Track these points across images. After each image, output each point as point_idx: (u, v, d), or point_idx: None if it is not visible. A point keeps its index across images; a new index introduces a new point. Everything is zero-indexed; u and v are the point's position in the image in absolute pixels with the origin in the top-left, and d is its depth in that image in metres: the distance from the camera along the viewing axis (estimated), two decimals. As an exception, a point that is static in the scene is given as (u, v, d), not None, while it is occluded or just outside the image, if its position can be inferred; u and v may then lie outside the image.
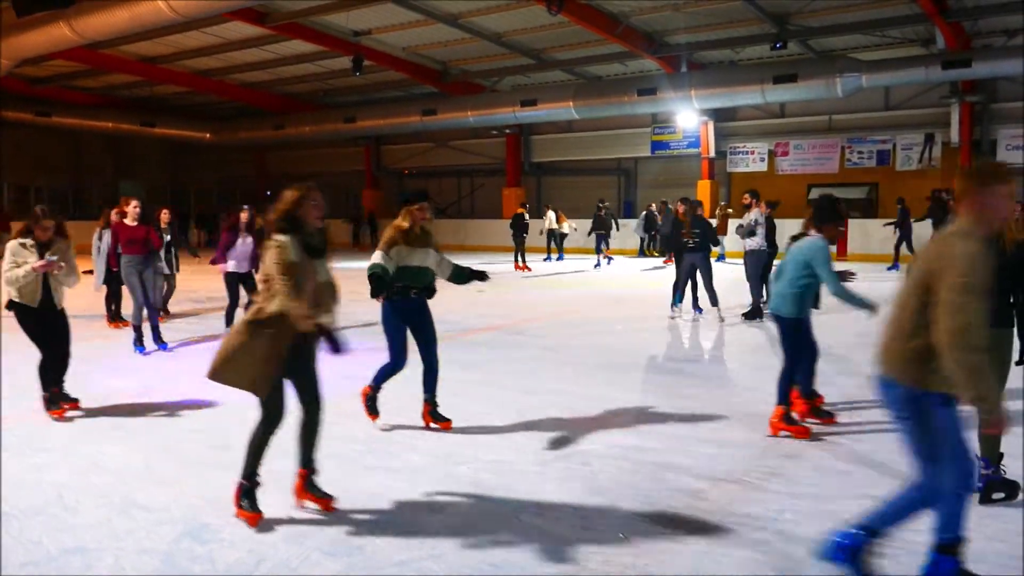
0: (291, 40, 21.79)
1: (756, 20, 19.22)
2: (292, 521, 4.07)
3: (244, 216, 9.35)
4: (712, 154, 24.45)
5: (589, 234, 21.59)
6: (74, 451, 5.24)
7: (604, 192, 27.34)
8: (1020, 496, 4.27)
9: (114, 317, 10.75)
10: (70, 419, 6.09)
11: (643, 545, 3.81)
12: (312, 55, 23.62)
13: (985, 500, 4.23)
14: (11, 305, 5.97)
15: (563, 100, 22.84)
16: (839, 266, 5.85)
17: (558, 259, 22.30)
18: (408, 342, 5.64)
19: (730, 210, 19.92)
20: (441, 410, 5.84)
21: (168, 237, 11.05)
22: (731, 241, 17.92)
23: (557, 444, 5.35)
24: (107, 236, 9.89)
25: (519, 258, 20.08)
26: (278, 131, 29.39)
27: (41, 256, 5.86)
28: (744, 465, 4.93)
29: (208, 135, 31.24)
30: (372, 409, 5.81)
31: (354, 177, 32.43)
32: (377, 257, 5.42)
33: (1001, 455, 4.26)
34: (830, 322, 10.90)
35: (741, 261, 11.02)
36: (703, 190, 23.96)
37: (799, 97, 20.45)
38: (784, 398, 5.57)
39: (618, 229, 23.35)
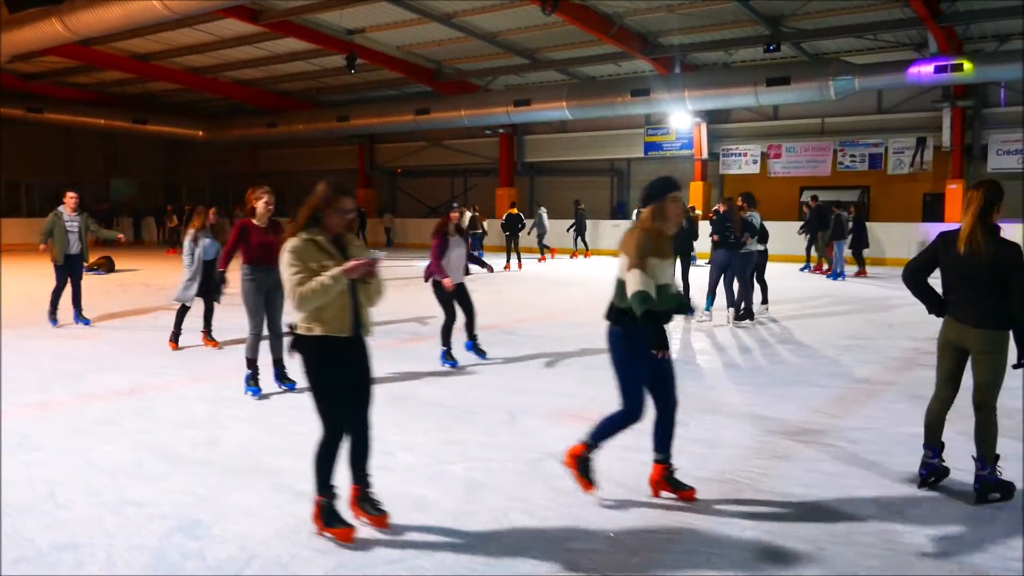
0: (284, 38, 21.76)
1: (750, 22, 19.28)
2: (284, 518, 4.07)
3: (455, 216, 8.00)
4: (705, 156, 24.52)
5: (568, 230, 23.82)
6: (66, 448, 5.22)
7: (598, 193, 27.41)
8: (1016, 497, 4.30)
9: (210, 334, 9.17)
10: (63, 416, 6.06)
11: (634, 544, 3.82)
12: (305, 53, 23.60)
13: (981, 501, 4.27)
14: (303, 343, 3.84)
15: (556, 100, 22.87)
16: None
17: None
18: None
19: (698, 212, 20.11)
20: (434, 407, 5.82)
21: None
22: (702, 243, 17.99)
23: (548, 444, 5.36)
24: (206, 241, 8.69)
25: (510, 258, 20.14)
26: (271, 129, 29.34)
27: (345, 257, 3.81)
28: (735, 465, 4.96)
29: (201, 132, 31.17)
30: (586, 474, 4.35)
31: (347, 176, 32.38)
32: (637, 280, 4.09)
33: (997, 456, 4.30)
34: (818, 325, 10.97)
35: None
36: (695, 192, 24.04)
37: (792, 99, 20.52)
38: None
39: (585, 230, 24.34)
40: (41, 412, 6.14)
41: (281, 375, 6.89)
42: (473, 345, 8.29)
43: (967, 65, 17.55)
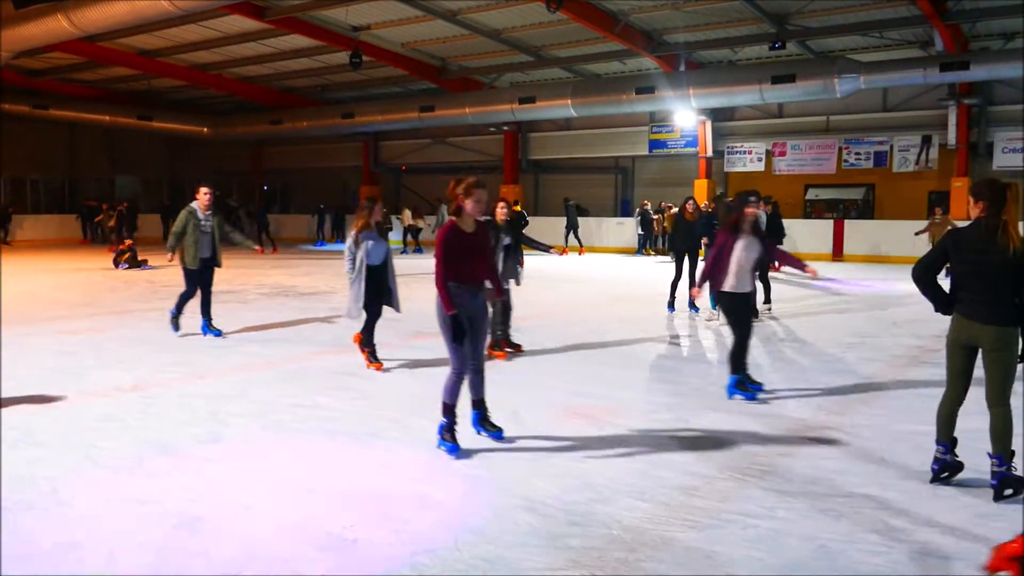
0: (289, 35, 21.76)
1: (755, 20, 19.22)
2: (286, 516, 4.07)
3: (751, 212, 6.40)
4: (710, 153, 24.47)
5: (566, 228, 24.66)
6: (68, 445, 5.23)
7: (602, 190, 27.38)
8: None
9: (374, 353, 7.74)
10: (65, 413, 6.07)
11: (635, 541, 3.81)
12: (310, 50, 23.60)
13: (998, 497, 4.28)
14: None
15: (561, 98, 22.82)
16: (831, 267, 5.81)
17: (415, 251, 24.92)
18: None
19: (675, 209, 20.43)
20: (437, 404, 5.80)
21: (507, 240, 8.02)
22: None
23: (550, 440, 5.36)
24: (369, 243, 7.43)
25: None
26: (276, 126, 29.32)
27: None
28: (738, 462, 4.95)
29: (206, 129, 31.16)
30: None
31: (351, 173, 32.42)
32: None
33: (1012, 452, 4.30)
34: (822, 322, 10.95)
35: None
36: (700, 189, 23.97)
37: (797, 97, 20.45)
38: None
39: (578, 227, 24.82)
40: (43, 409, 6.15)
41: (483, 420, 5.40)
42: (740, 379, 6.51)
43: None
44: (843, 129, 23.14)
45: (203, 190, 9.05)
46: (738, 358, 6.47)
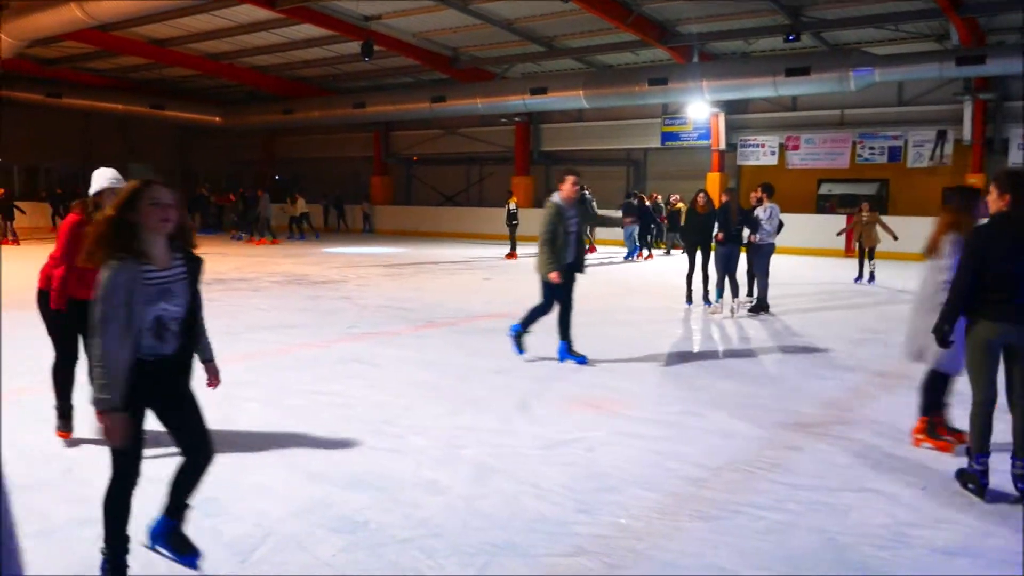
0: (301, 24, 21.76)
1: (769, 11, 19.11)
2: (298, 498, 4.11)
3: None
4: (722, 146, 24.34)
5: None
6: (81, 427, 5.27)
7: (613, 183, 27.33)
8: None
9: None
10: (81, 395, 6.13)
11: (643, 530, 3.84)
12: (322, 39, 23.61)
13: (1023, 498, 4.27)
14: None
15: (573, 89, 22.76)
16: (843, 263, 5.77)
17: (300, 238, 25.24)
18: None
19: (648, 203, 21.63)
20: (447, 393, 5.85)
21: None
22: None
23: (560, 430, 5.39)
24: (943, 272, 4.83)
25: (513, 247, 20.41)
26: (287, 116, 29.38)
27: None
28: (747, 455, 4.96)
29: (218, 119, 31.25)
30: None
31: (362, 163, 32.46)
32: None
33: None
34: (832, 318, 10.93)
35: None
36: (712, 182, 23.87)
37: (811, 91, 20.33)
38: None
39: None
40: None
41: None
42: None
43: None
44: (857, 123, 23.00)
45: (571, 179, 7.19)
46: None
